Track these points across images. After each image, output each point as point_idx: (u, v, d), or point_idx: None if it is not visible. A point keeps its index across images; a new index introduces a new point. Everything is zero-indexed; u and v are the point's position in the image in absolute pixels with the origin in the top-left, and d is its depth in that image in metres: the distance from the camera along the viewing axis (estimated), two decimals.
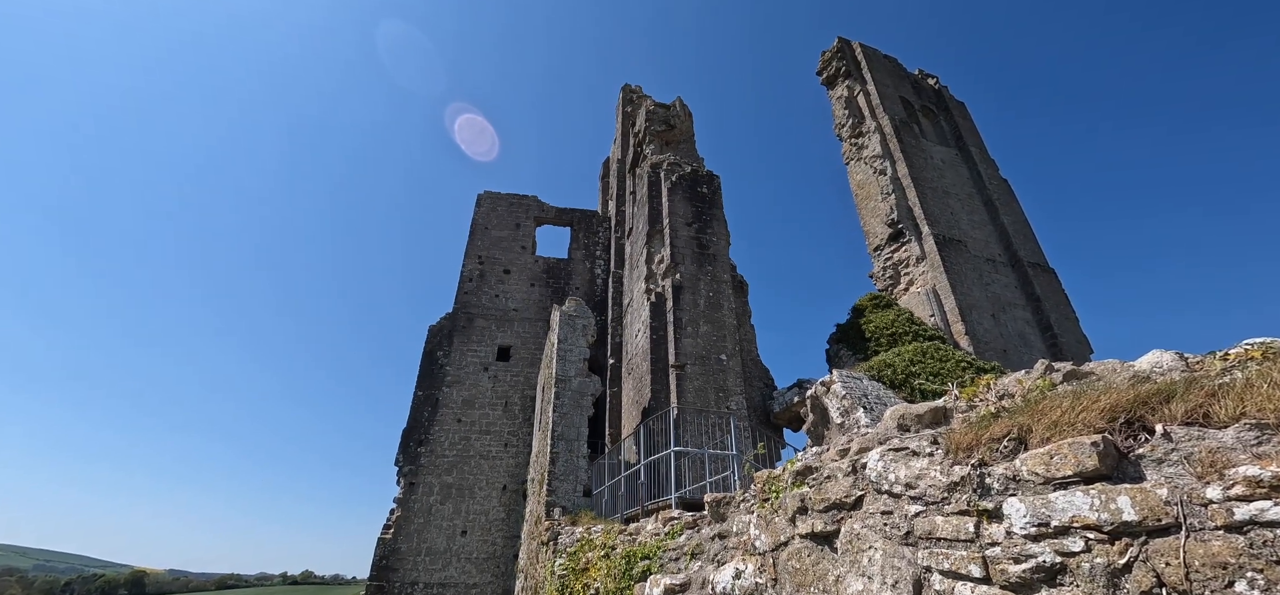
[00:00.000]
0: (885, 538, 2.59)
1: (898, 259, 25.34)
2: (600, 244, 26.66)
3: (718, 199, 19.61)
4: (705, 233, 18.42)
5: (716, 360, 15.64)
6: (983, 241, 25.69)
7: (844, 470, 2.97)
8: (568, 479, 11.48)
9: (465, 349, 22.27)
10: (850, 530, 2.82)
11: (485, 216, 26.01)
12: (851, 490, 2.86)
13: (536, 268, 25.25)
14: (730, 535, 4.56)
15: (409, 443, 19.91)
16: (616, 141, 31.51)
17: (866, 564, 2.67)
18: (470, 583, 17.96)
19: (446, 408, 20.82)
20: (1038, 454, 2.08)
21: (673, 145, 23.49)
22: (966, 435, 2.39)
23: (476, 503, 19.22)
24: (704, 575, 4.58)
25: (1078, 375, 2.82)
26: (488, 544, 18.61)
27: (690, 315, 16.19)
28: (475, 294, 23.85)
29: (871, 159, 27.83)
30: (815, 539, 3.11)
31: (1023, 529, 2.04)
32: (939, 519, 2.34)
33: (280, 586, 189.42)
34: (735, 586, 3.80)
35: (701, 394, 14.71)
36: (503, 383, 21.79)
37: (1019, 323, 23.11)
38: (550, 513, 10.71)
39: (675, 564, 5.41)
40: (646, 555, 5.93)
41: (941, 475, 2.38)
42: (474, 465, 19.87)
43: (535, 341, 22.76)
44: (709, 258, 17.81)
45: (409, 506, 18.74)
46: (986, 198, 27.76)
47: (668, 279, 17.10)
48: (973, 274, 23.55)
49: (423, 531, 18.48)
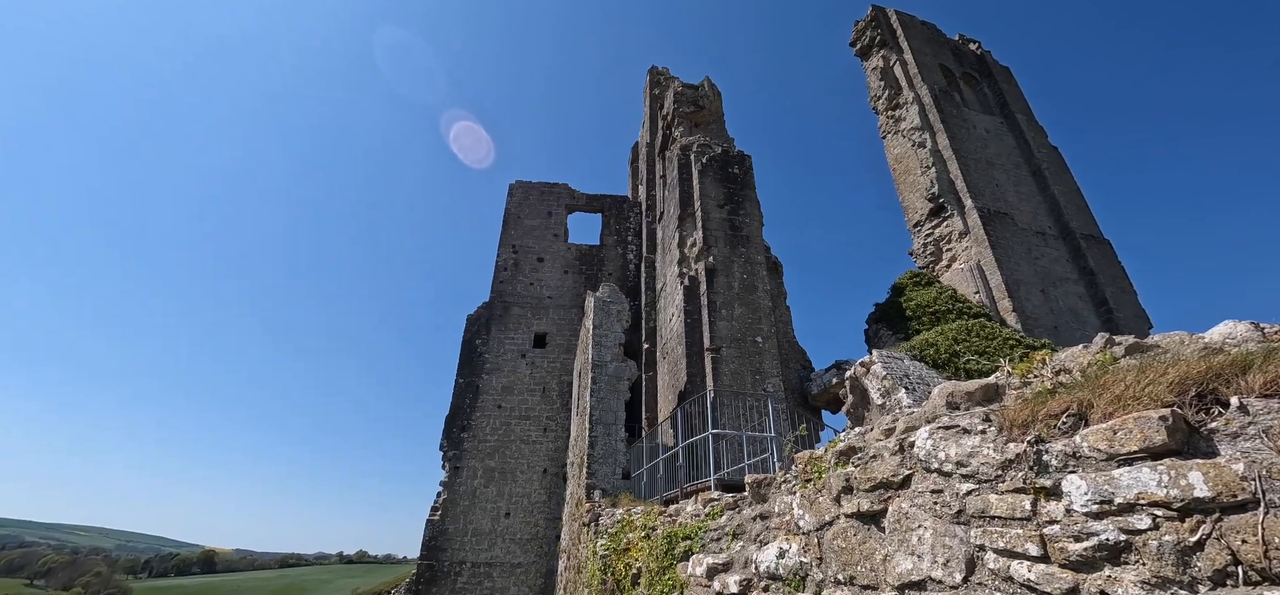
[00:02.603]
0: (935, 517, 2.56)
1: (939, 235, 24.48)
2: (631, 229, 26.69)
3: (750, 179, 19.31)
4: (738, 214, 18.20)
5: (752, 343, 15.53)
6: (1031, 213, 24.54)
7: (890, 449, 2.93)
8: (607, 462, 11.67)
9: (503, 337, 22.78)
10: (898, 509, 2.80)
11: (517, 206, 26.37)
12: (899, 469, 2.83)
13: (569, 255, 25.51)
14: (772, 516, 4.57)
15: (452, 428, 20.60)
16: (645, 125, 31.34)
17: (916, 543, 2.64)
18: (515, 562, 18.58)
19: (487, 394, 21.42)
20: (1100, 430, 2.01)
21: (702, 126, 23.21)
22: (1021, 412, 2.33)
23: (518, 485, 19.79)
24: (747, 555, 4.61)
25: (1141, 348, 2.70)
26: (530, 525, 19.17)
27: (724, 298, 16.09)
28: (510, 283, 24.29)
29: (909, 131, 26.84)
30: (861, 518, 3.09)
31: (1084, 507, 1.99)
32: (993, 497, 2.30)
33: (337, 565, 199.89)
34: (779, 565, 3.82)
35: (737, 377, 14.65)
36: (540, 369, 22.23)
37: (1071, 298, 22.07)
38: (590, 495, 10.93)
39: (716, 544, 5.45)
40: (688, 536, 6.00)
41: (995, 453, 2.33)
42: (515, 449, 20.43)
43: (570, 328, 23.07)
44: (742, 239, 17.61)
45: (454, 489, 19.46)
46: (1034, 167, 26.44)
47: (701, 262, 17.01)
48: (1020, 248, 22.57)
49: (468, 513, 19.18)
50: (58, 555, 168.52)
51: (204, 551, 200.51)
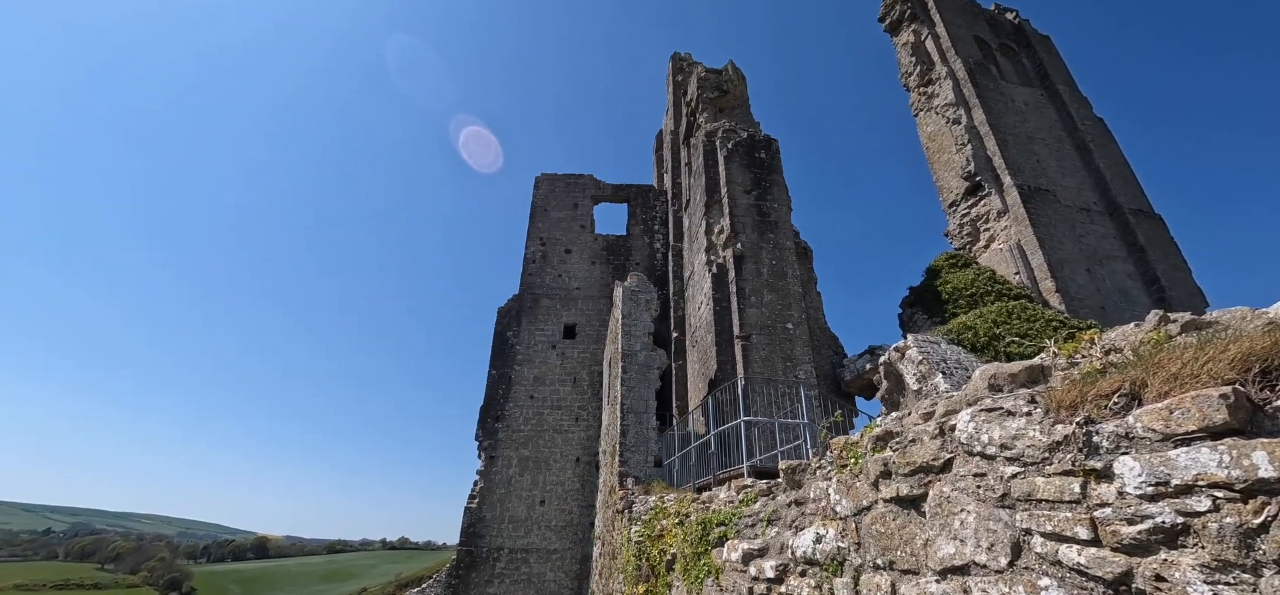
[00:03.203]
0: (978, 500, 2.52)
1: (976, 214, 23.67)
2: (658, 218, 26.64)
3: (777, 164, 19.02)
4: (765, 199, 17.97)
5: (782, 329, 15.37)
6: (1074, 189, 23.48)
7: (930, 433, 2.89)
8: (638, 450, 11.78)
9: (533, 328, 23.12)
10: (939, 493, 2.76)
11: (543, 198, 26.59)
12: (939, 453, 2.79)
13: (596, 246, 25.63)
14: (807, 501, 4.55)
15: (486, 419, 21.07)
16: (668, 112, 31.12)
17: (958, 527, 2.60)
18: (551, 548, 18.98)
19: (519, 385, 21.82)
20: (1155, 409, 1.94)
21: (727, 111, 22.93)
22: (1069, 393, 2.26)
23: (552, 474, 20.16)
24: (782, 540, 4.61)
25: (1198, 325, 2.58)
26: (564, 513, 19.52)
27: (753, 285, 15.95)
28: (539, 275, 24.58)
29: (943, 108, 25.95)
30: (900, 503, 3.06)
31: (1137, 488, 1.93)
32: (1039, 480, 2.25)
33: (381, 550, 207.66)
34: (816, 550, 3.81)
35: (768, 364, 14.54)
36: (570, 359, 22.50)
37: (1119, 277, 21.09)
38: (623, 482, 11.06)
39: (751, 529, 5.47)
40: (722, 521, 6.03)
41: (1041, 435, 2.27)
42: (548, 439, 20.79)
43: (599, 318, 23.24)
44: (770, 225, 17.39)
45: (490, 478, 19.96)
46: (1078, 141, 25.24)
47: (728, 249, 16.88)
48: (1063, 226, 21.65)
49: (504, 501, 19.65)
50: (125, 541, 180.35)
51: (257, 538, 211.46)
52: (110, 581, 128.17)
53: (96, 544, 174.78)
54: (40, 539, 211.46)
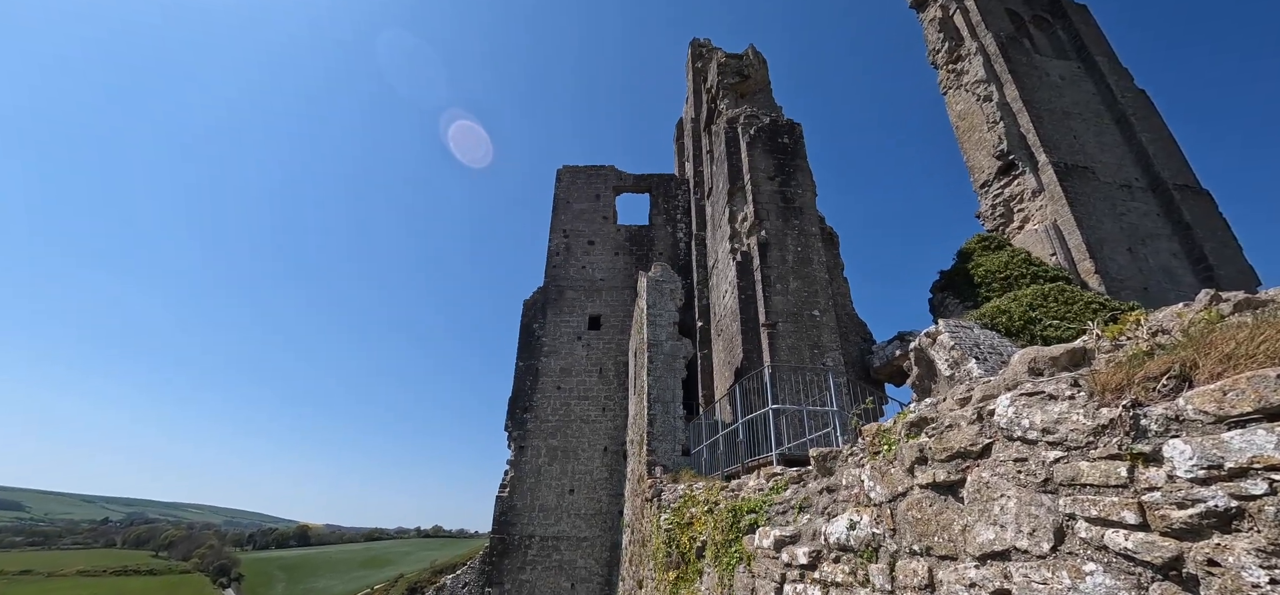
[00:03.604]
0: (1019, 486, 2.49)
1: (1009, 194, 22.95)
2: (680, 208, 26.53)
3: (800, 148, 18.72)
4: (789, 185, 17.73)
5: (809, 316, 15.21)
6: (1114, 165, 22.53)
7: (967, 418, 2.85)
8: (666, 439, 11.85)
9: (558, 320, 23.36)
10: (977, 479, 2.73)
11: (566, 190, 26.72)
12: (977, 438, 2.76)
13: (619, 236, 25.69)
14: (839, 488, 4.54)
15: (515, 410, 21.45)
16: (688, 100, 30.88)
17: (998, 512, 2.58)
18: (581, 536, 19.29)
19: (546, 376, 22.12)
20: (1207, 391, 1.89)
21: (748, 96, 22.65)
22: (1115, 375, 2.21)
23: (581, 463, 20.43)
24: (815, 527, 4.61)
25: (1252, 304, 2.49)
26: (594, 501, 19.79)
27: (778, 272, 15.80)
28: (563, 267, 24.78)
29: (973, 85, 25.15)
30: (937, 489, 3.04)
31: (1188, 472, 1.89)
32: (1084, 464, 2.21)
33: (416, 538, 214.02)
34: (850, 537, 3.81)
35: (795, 351, 14.43)
36: (596, 350, 22.68)
37: (1163, 256, 20.22)
38: (651, 471, 11.15)
39: (782, 517, 5.47)
40: (752, 509, 6.05)
41: (1085, 419, 2.23)
42: (575, 429, 21.06)
43: (624, 309, 23.35)
44: (795, 211, 17.16)
45: (520, 468, 20.35)
46: (1119, 114, 24.17)
47: (752, 236, 16.74)
48: (1103, 204, 20.83)
49: (534, 490, 20.03)
50: (176, 530, 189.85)
51: (299, 526, 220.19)
52: (164, 568, 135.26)
53: (150, 532, 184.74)
54: (99, 528, 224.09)
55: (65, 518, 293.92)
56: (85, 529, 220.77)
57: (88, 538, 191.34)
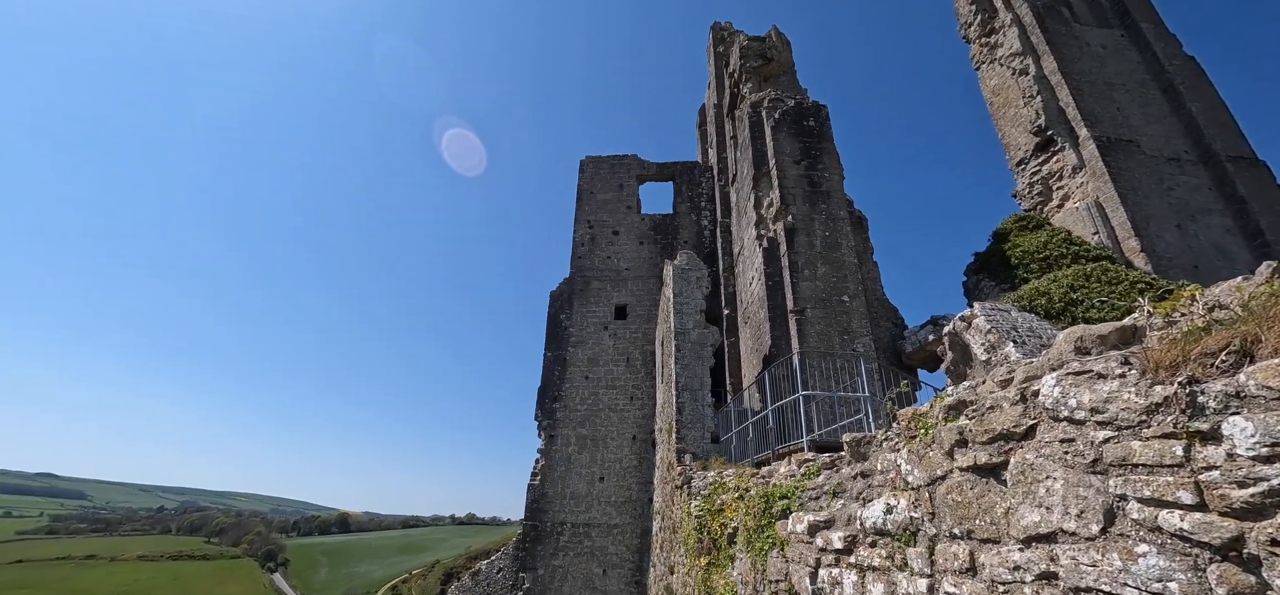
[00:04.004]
0: (1066, 467, 2.43)
1: (1048, 172, 22.10)
2: (704, 195, 26.34)
3: (826, 131, 18.36)
4: (815, 169, 17.43)
5: (838, 302, 14.99)
6: (1161, 138, 21.44)
7: (1010, 400, 2.79)
8: (695, 427, 11.88)
9: (585, 311, 23.54)
10: (1021, 461, 2.68)
11: (589, 181, 26.78)
12: (1021, 419, 2.70)
13: (644, 226, 25.67)
14: (874, 473, 4.51)
15: (544, 399, 21.77)
16: (711, 86, 30.54)
17: (1043, 494, 2.53)
18: (612, 523, 19.55)
19: (574, 366, 22.35)
20: (1270, 366, 1.81)
21: (772, 80, 22.27)
22: (1169, 352, 2.14)
23: (610, 452, 20.65)
24: (849, 512, 4.59)
25: None
26: (623, 489, 20.00)
27: (806, 258, 15.59)
28: (588, 257, 24.91)
29: (1008, 58, 24.21)
30: (978, 472, 2.99)
31: (1249, 450, 1.82)
32: (1136, 444, 2.15)
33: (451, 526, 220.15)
34: (887, 521, 3.78)
35: (824, 338, 14.26)
36: (623, 340, 22.80)
37: (1215, 231, 19.21)
38: (681, 458, 11.21)
39: (815, 502, 5.46)
40: (785, 495, 6.04)
41: (1137, 397, 2.17)
42: (604, 418, 21.27)
43: (649, 298, 23.38)
44: (822, 195, 16.88)
45: (551, 456, 20.69)
46: (1166, 84, 22.93)
47: (779, 222, 16.54)
48: (1149, 179, 19.89)
49: (565, 478, 20.35)
50: (226, 517, 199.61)
51: (340, 514, 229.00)
52: (216, 553, 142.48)
53: (202, 520, 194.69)
54: (155, 515, 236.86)
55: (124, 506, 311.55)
56: (143, 516, 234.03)
57: (145, 525, 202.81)
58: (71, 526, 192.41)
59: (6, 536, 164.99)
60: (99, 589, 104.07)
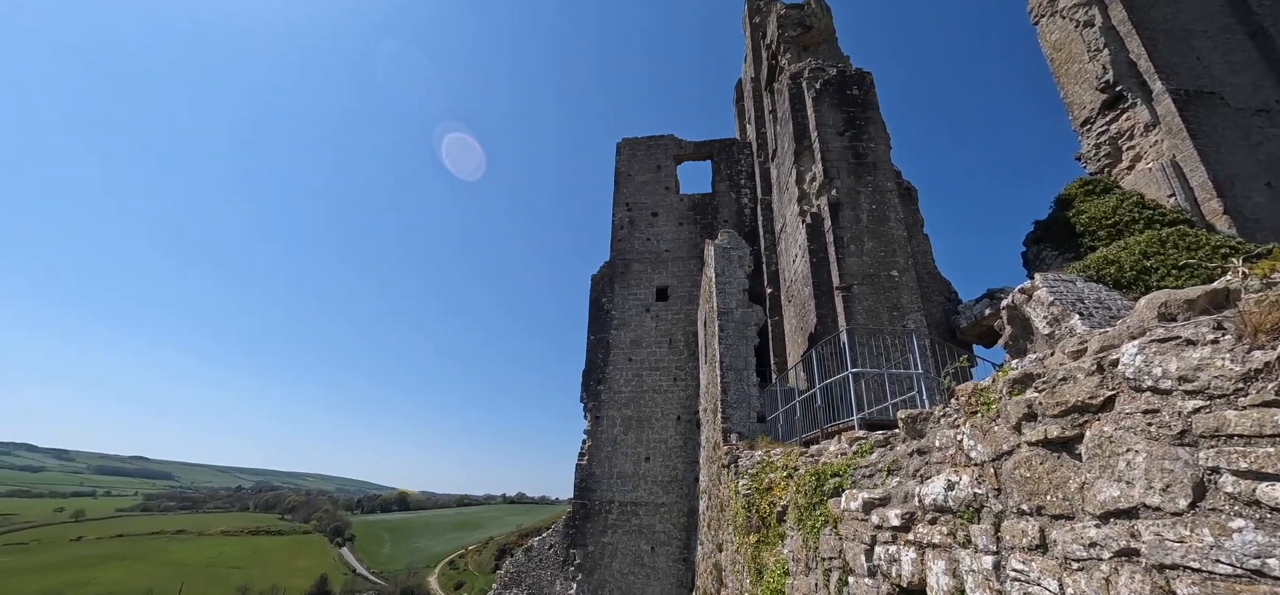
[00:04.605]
0: (1149, 439, 2.31)
1: (1117, 131, 20.55)
2: (743, 172, 25.87)
3: (872, 99, 17.65)
4: (860, 140, 16.82)
5: (886, 277, 14.53)
6: (1248, 88, 19.52)
7: (1085, 370, 2.66)
8: (740, 407, 11.85)
9: (626, 293, 23.69)
10: (1098, 434, 2.56)
11: (626, 164, 26.73)
12: (1097, 390, 2.57)
13: (682, 206, 25.49)
14: (932, 450, 4.41)
15: (589, 382, 22.15)
16: (747, 59, 29.81)
17: (1124, 468, 2.41)
18: (658, 502, 19.83)
19: (617, 349, 22.60)
20: None
21: (811, 48, 21.52)
22: (1269, 315, 1.99)
23: (655, 432, 20.87)
24: (906, 489, 4.51)
25: None
26: (669, 469, 20.22)
27: (852, 233, 15.15)
28: (628, 240, 24.97)
29: (1071, 9, 22.50)
30: (1048, 446, 2.88)
31: None
32: (1231, 413, 2.02)
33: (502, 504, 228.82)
34: (949, 497, 3.69)
35: (872, 314, 13.88)
36: (664, 321, 22.86)
37: None
38: (727, 438, 11.22)
39: (869, 480, 5.39)
40: (836, 473, 5.98)
41: (1232, 364, 2.03)
42: (648, 399, 21.47)
43: (690, 279, 23.29)
44: (867, 167, 16.30)
45: (597, 437, 21.10)
46: (1254, 27, 20.80)
47: (822, 197, 16.11)
48: (1234, 133, 18.21)
49: (611, 458, 20.73)
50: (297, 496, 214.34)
51: (399, 493, 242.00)
52: (290, 528, 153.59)
53: (276, 498, 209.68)
54: (234, 495, 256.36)
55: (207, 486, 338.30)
56: (223, 495, 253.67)
57: (226, 503, 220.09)
58: (163, 505, 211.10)
59: (108, 513, 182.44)
60: (190, 560, 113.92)
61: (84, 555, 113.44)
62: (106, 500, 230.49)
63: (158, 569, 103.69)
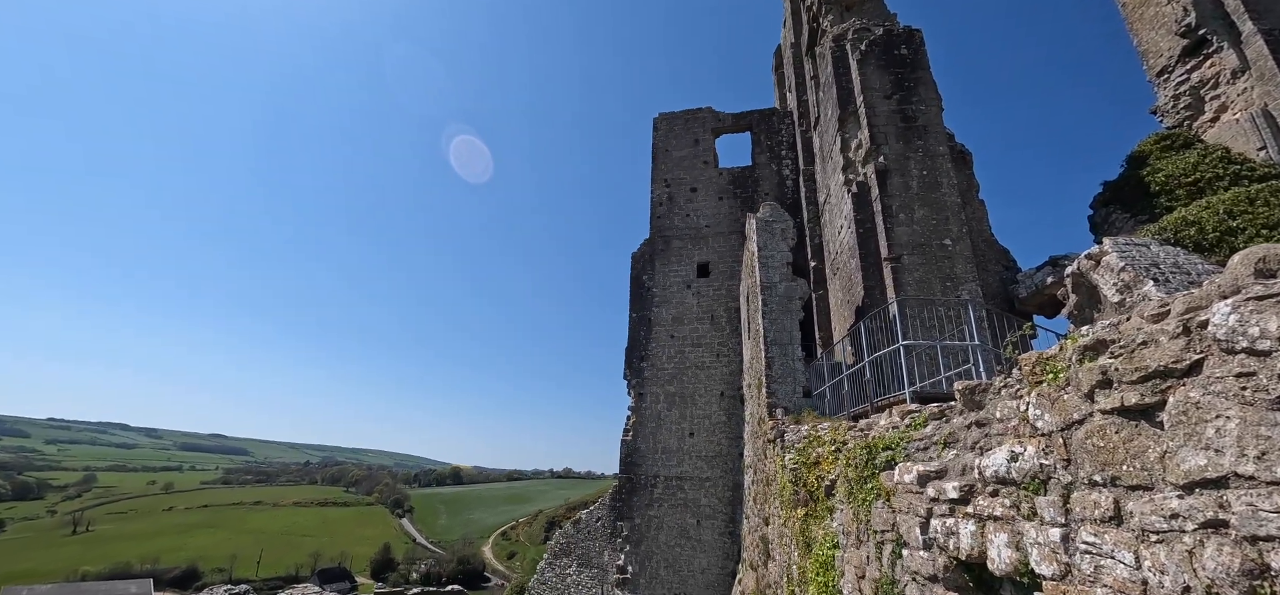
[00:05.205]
0: (1243, 404, 2.16)
1: (1199, 79, 18.77)
2: (784, 143, 25.16)
3: (921, 59, 16.76)
4: (910, 102, 16.05)
5: (938, 246, 13.95)
6: None
7: (1169, 332, 2.50)
8: (785, 382, 11.73)
9: (666, 270, 23.64)
10: (1183, 399, 2.40)
11: (663, 139, 26.41)
12: (1183, 354, 2.41)
13: (722, 180, 25.07)
14: (991, 422, 4.27)
15: (632, 359, 22.37)
16: (786, 23, 28.80)
17: (1212, 435, 2.26)
18: (703, 476, 20.01)
19: (659, 326, 22.67)
20: None
21: (855, 8, 20.53)
22: None
23: (698, 408, 20.96)
24: (963, 462, 4.38)
25: None
26: (713, 444, 20.31)
27: (901, 201, 14.57)
28: (667, 217, 24.82)
29: None
30: (1125, 413, 2.73)
31: None
32: None
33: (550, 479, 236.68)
34: (1011, 469, 3.57)
35: (924, 285, 13.38)
36: (706, 298, 22.74)
37: None
38: (773, 413, 11.15)
39: (923, 453, 5.27)
40: (888, 446, 5.88)
41: None
42: (691, 375, 21.53)
43: (732, 255, 23.01)
44: (917, 131, 15.57)
45: (641, 413, 21.37)
46: None
47: (869, 164, 15.53)
48: None
49: (655, 434, 20.99)
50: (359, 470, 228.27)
51: (453, 468, 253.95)
52: (354, 500, 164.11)
53: (341, 472, 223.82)
54: (302, 469, 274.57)
55: (279, 461, 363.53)
56: (294, 469, 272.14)
57: (296, 476, 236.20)
58: (241, 478, 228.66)
59: (194, 485, 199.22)
60: (267, 528, 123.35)
61: (176, 523, 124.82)
62: (191, 474, 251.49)
63: (239, 536, 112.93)
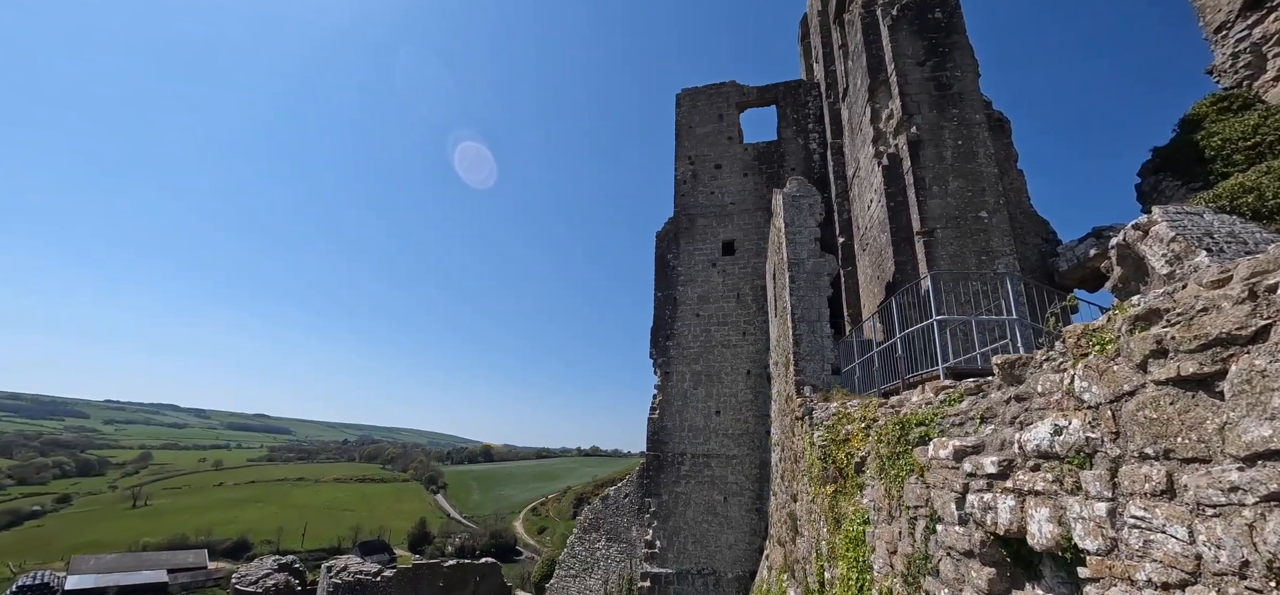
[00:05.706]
0: None
1: (1261, 34, 17.43)
2: (811, 115, 24.50)
3: (957, 22, 16.02)
4: (944, 68, 15.40)
5: (974, 219, 13.47)
6: None
7: (1232, 298, 2.37)
8: (814, 359, 11.60)
9: (691, 249, 23.47)
10: (1247, 367, 2.28)
11: (687, 115, 25.99)
12: (1247, 320, 2.28)
13: (747, 156, 24.62)
14: (1032, 396, 4.16)
15: (658, 338, 22.41)
16: None
17: (1278, 405, 2.15)
18: (729, 454, 20.07)
19: (684, 305, 22.60)
20: None
21: None
22: None
23: (724, 387, 20.94)
24: (1002, 436, 4.28)
25: None
26: (740, 422, 20.31)
27: (934, 172, 14.08)
28: (691, 195, 24.54)
29: None
30: (1181, 384, 2.61)
31: None
32: None
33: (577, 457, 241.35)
34: (1054, 443, 3.46)
35: (958, 259, 12.98)
36: (732, 276, 22.53)
37: None
38: (800, 390, 11.06)
39: (959, 428, 5.17)
40: (922, 422, 5.78)
41: None
42: (717, 354, 21.48)
43: (758, 232, 22.68)
44: (952, 99, 14.96)
45: (667, 392, 21.46)
46: None
47: (901, 135, 15.02)
48: None
49: (682, 412, 21.08)
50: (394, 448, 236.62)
51: (484, 446, 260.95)
52: (391, 477, 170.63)
53: (377, 450, 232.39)
54: (341, 447, 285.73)
55: (319, 439, 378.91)
56: (333, 447, 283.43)
57: (335, 454, 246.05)
58: (284, 456, 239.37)
59: (241, 463, 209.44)
60: (310, 503, 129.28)
61: (225, 498, 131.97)
62: (238, 452, 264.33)
63: (285, 510, 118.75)
